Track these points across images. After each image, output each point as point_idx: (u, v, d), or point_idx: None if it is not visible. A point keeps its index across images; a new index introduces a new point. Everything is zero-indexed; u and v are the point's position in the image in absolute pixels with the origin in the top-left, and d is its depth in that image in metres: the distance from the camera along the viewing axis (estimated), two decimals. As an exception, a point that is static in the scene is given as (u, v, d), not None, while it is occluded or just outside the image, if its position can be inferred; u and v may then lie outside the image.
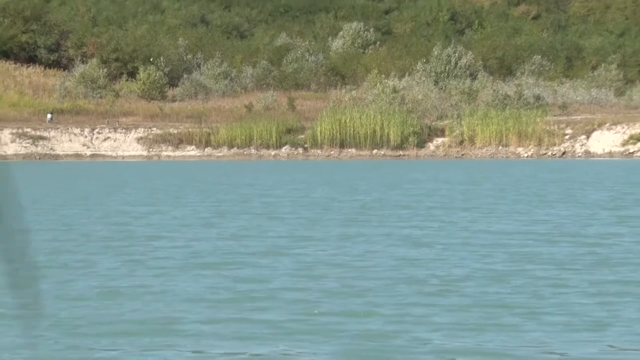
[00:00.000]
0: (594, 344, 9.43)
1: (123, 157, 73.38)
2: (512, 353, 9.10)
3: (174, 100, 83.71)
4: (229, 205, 28.96)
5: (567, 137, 71.26)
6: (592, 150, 69.61)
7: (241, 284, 13.02)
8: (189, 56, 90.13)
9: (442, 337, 9.59)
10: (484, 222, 22.44)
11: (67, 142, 74.60)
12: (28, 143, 73.32)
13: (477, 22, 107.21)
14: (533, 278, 13.71)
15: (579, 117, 74.11)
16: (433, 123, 74.90)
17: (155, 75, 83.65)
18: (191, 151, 73.98)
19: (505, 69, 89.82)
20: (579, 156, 69.04)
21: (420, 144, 73.45)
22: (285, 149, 73.92)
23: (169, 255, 16.41)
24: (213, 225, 22.16)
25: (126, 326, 10.05)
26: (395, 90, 77.34)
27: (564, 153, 69.93)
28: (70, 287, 12.93)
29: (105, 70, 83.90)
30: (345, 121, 73.51)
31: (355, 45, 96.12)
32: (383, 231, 20.26)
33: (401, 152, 72.65)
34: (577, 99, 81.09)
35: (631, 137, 68.92)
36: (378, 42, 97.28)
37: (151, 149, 74.23)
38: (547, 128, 71.57)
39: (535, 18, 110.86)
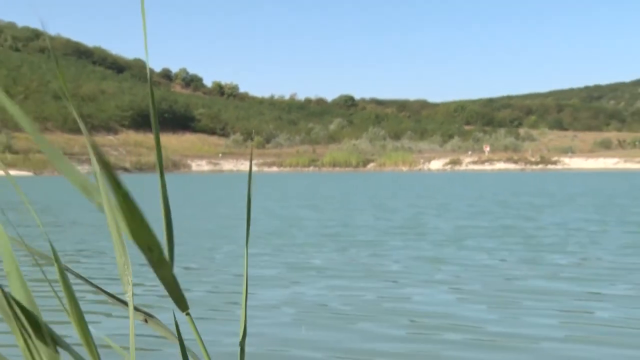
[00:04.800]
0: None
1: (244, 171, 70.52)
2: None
3: (267, 149, 79.97)
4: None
5: (421, 162, 67.75)
6: (431, 168, 66.13)
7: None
8: (274, 131, 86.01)
9: None
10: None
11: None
12: (211, 165, 69.24)
13: (386, 120, 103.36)
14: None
15: (426, 155, 71.10)
16: (369, 157, 71.39)
17: (261, 140, 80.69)
18: (274, 168, 69.75)
19: (397, 137, 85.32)
20: (426, 171, 65.65)
21: (364, 165, 69.83)
22: (311, 167, 69.98)
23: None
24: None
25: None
26: (354, 145, 74.83)
27: (420, 169, 66.59)
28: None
29: (242, 137, 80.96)
30: (335, 156, 70.10)
31: (338, 127, 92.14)
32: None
33: (357, 169, 68.86)
34: (425, 148, 77.75)
35: (446, 162, 66.09)
36: (347, 126, 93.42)
37: (259, 168, 69.84)
38: (414, 160, 68.29)
39: (409, 116, 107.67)
